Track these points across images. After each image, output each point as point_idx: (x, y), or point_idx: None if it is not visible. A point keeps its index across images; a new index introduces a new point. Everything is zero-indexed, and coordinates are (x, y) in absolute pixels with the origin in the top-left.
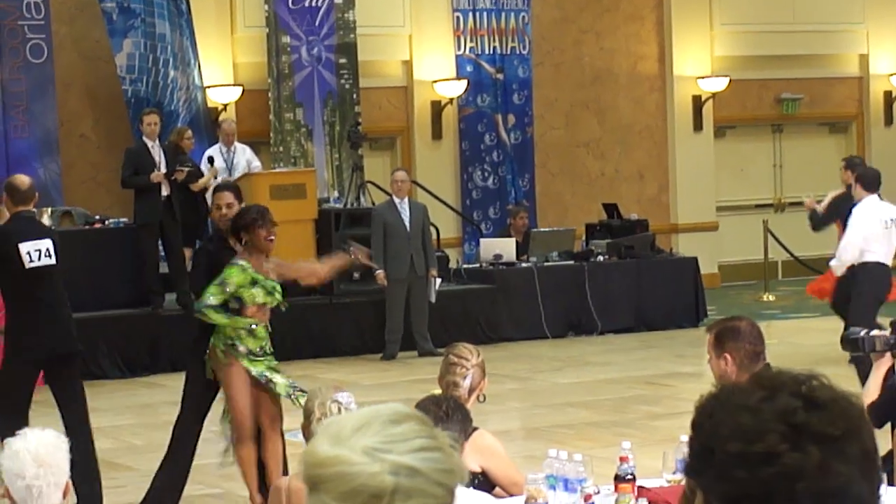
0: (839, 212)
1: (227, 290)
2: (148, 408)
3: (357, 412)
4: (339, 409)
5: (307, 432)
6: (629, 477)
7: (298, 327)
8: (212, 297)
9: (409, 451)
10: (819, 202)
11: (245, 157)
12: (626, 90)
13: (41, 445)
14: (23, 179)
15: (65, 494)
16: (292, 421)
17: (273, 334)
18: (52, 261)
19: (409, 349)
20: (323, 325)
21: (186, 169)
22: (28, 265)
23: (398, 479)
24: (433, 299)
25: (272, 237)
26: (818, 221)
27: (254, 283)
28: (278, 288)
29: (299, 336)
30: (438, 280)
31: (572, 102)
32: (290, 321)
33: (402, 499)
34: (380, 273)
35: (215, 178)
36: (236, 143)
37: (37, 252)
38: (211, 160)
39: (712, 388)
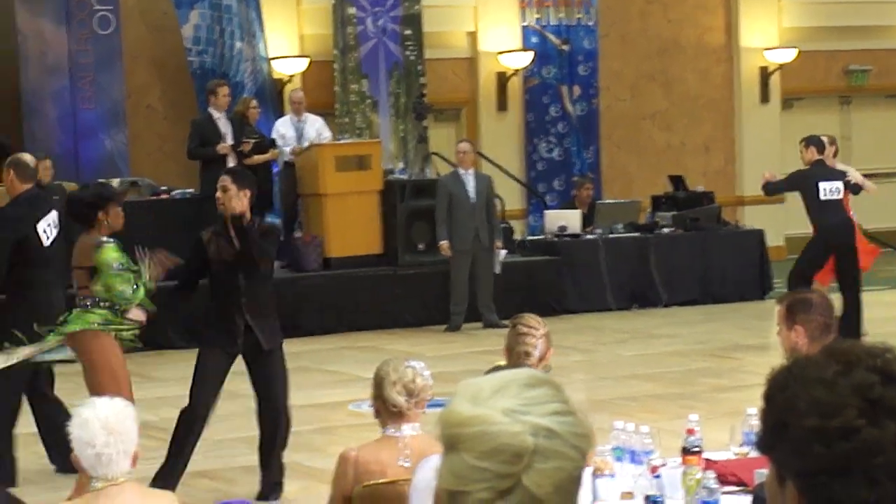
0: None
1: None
2: None
3: (492, 376)
4: (414, 375)
5: (381, 400)
6: (696, 449)
7: (363, 299)
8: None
9: (547, 414)
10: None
11: (315, 128)
12: (693, 62)
13: (110, 413)
14: (29, 157)
15: (133, 462)
16: (357, 392)
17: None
18: (56, 232)
19: (473, 321)
20: (387, 297)
21: (253, 140)
22: (45, 244)
23: (537, 440)
24: (498, 270)
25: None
26: (772, 189)
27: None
28: None
29: (364, 307)
30: (503, 252)
31: (638, 74)
32: (354, 293)
33: (541, 460)
34: (444, 244)
35: (276, 160)
36: (307, 114)
37: (49, 227)
38: (273, 142)
39: (784, 361)
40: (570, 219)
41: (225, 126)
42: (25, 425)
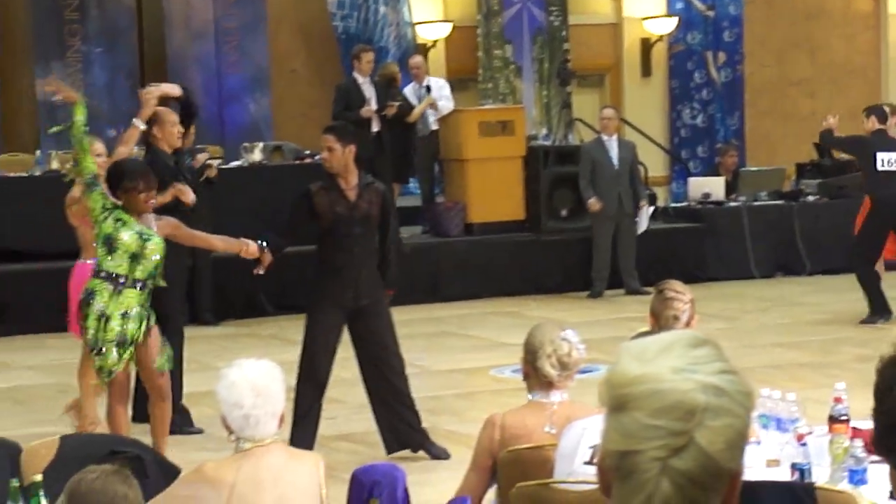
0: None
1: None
2: None
3: (655, 337)
4: (570, 348)
5: (532, 367)
6: (844, 418)
7: (505, 265)
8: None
9: (714, 373)
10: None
11: (443, 94)
12: (840, 28)
13: (258, 375)
14: None
15: (280, 423)
16: (499, 358)
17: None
18: None
19: (615, 287)
20: (530, 263)
21: (397, 104)
22: None
23: (707, 398)
24: (643, 228)
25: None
26: (828, 139)
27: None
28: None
29: (505, 273)
30: (650, 208)
31: (784, 40)
32: (496, 259)
33: (712, 417)
34: (591, 200)
35: (432, 107)
36: (430, 79)
37: None
38: (428, 88)
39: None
40: (713, 186)
41: (369, 90)
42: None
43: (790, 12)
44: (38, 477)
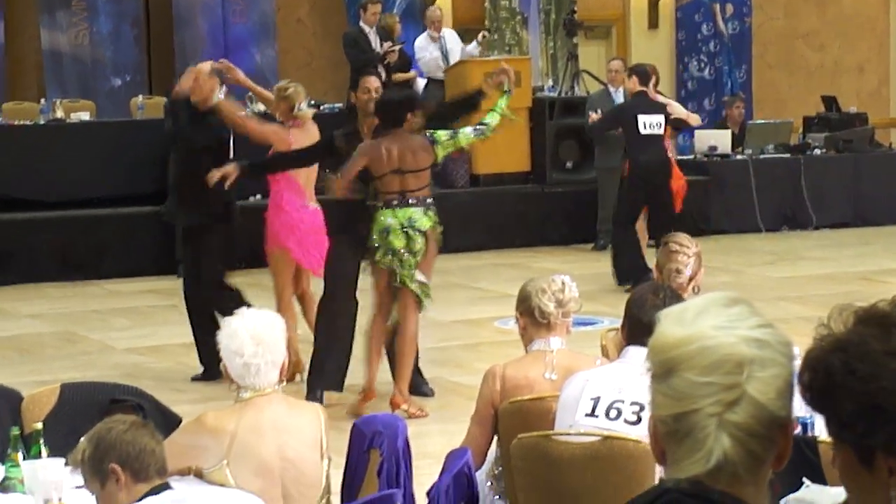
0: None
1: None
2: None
3: (689, 301)
4: (564, 284)
5: (527, 313)
6: None
7: (510, 216)
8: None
9: (753, 327)
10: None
11: (459, 44)
12: None
13: (259, 324)
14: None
15: (281, 374)
16: (504, 309)
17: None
18: None
19: None
20: (534, 215)
21: (398, 48)
22: None
23: (752, 350)
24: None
25: None
26: (595, 131)
27: None
28: None
29: (510, 225)
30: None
31: None
32: (501, 210)
33: (759, 368)
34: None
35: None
36: (444, 30)
37: None
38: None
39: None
40: (720, 139)
41: (375, 41)
42: (172, 336)
43: None
44: (39, 425)
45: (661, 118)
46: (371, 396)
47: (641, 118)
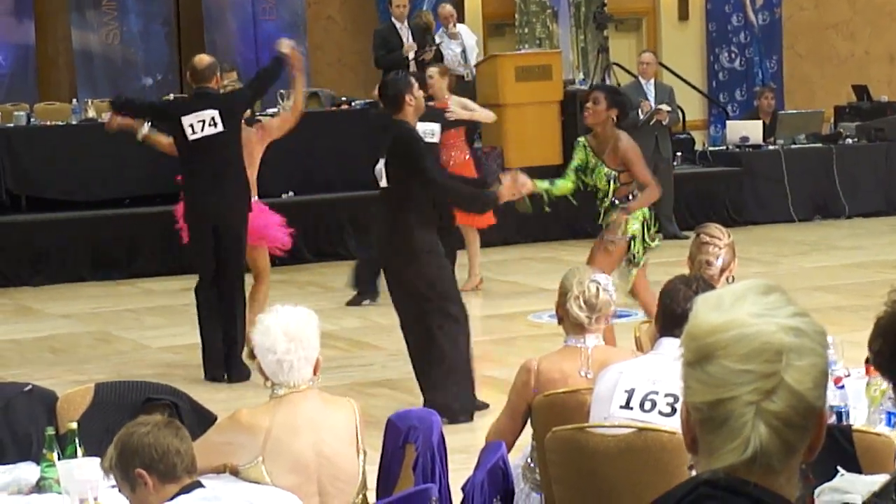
0: None
1: None
2: None
3: (726, 288)
4: (598, 290)
5: (562, 310)
6: None
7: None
8: None
9: (790, 315)
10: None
11: (473, 38)
12: None
13: (292, 321)
14: (202, 59)
15: (315, 370)
16: (537, 303)
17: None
18: (217, 129)
19: None
20: (567, 208)
21: (434, 48)
22: (191, 137)
23: (790, 339)
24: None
25: None
26: None
27: None
28: None
29: (543, 219)
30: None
31: None
32: (532, 202)
33: (797, 357)
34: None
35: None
36: (459, 26)
37: (200, 123)
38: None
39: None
40: (751, 129)
41: (406, 36)
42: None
43: None
44: (74, 425)
45: None
46: None
47: None
